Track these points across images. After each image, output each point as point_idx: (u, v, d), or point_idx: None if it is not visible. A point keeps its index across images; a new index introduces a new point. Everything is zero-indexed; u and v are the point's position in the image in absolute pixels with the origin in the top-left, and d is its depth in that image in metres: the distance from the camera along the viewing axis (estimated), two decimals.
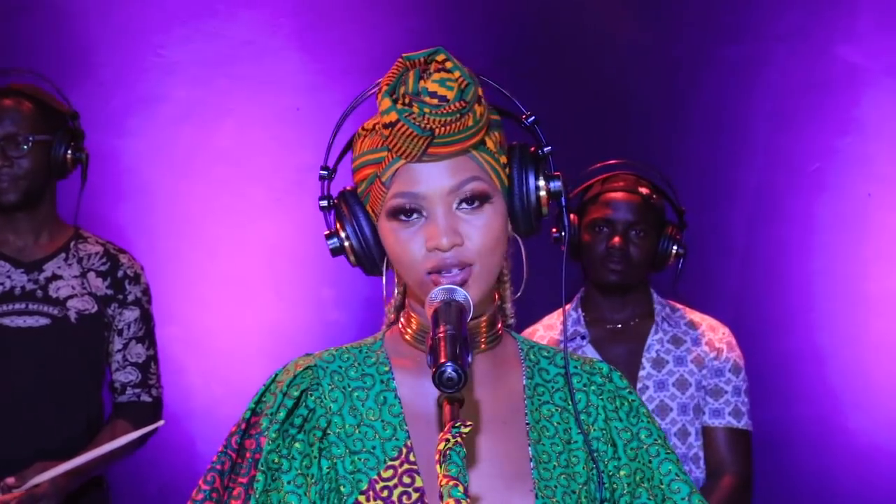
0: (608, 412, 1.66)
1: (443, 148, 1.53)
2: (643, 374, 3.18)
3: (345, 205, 1.63)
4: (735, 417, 3.17)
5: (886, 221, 4.05)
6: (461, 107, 1.51)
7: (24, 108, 3.04)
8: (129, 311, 3.14)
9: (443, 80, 1.52)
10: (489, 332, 1.64)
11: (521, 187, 1.60)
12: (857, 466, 4.02)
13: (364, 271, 1.65)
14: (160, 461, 3.94)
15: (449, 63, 1.53)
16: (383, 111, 1.52)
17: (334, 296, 4.15)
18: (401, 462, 1.59)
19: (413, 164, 1.54)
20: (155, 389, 3.17)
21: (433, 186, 1.54)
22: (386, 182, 1.56)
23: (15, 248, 3.10)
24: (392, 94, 1.52)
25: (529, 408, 1.64)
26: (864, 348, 4.05)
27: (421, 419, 1.62)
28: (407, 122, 1.50)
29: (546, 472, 1.60)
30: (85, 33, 4.07)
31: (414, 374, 1.64)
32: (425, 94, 1.51)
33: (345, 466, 1.59)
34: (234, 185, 4.12)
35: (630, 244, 3.17)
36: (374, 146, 1.57)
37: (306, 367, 1.65)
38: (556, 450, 1.62)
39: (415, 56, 1.53)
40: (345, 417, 1.62)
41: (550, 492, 1.58)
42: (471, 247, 1.55)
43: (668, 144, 4.10)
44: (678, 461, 1.65)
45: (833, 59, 4.07)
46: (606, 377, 1.68)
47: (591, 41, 4.18)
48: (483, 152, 1.57)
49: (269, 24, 4.15)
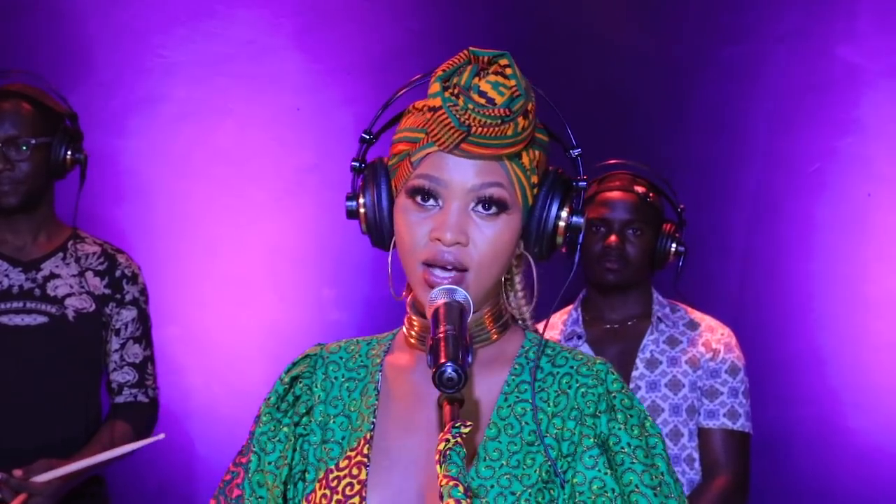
0: (584, 416, 1.59)
1: (476, 148, 1.53)
2: (636, 374, 3.17)
3: (374, 173, 1.63)
4: (730, 419, 3.16)
5: (886, 222, 4.05)
6: (504, 114, 1.51)
7: (24, 111, 3.04)
8: (126, 311, 3.14)
9: (496, 83, 1.53)
10: (496, 324, 1.64)
11: (542, 210, 1.60)
12: (857, 466, 4.02)
13: (371, 241, 1.66)
14: (159, 460, 3.94)
15: (509, 70, 1.54)
16: (431, 94, 1.53)
17: (334, 296, 4.15)
18: (356, 453, 1.62)
19: (444, 154, 1.55)
20: (151, 390, 3.17)
21: (457, 178, 1.55)
22: (415, 162, 1.57)
23: (13, 248, 3.11)
24: (444, 81, 1.53)
25: (500, 403, 1.62)
26: (864, 349, 4.05)
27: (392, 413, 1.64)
28: (448, 111, 1.51)
29: (488, 469, 1.57)
30: (85, 33, 4.07)
31: (403, 370, 1.66)
32: (475, 91, 1.53)
33: (316, 454, 1.64)
34: (234, 185, 4.12)
35: (627, 243, 3.17)
36: (415, 125, 1.59)
37: (306, 355, 1.71)
38: (511, 449, 1.59)
39: (480, 52, 1.55)
40: (327, 407, 1.66)
41: (483, 490, 1.55)
42: (473, 252, 1.55)
43: (668, 145, 4.10)
44: (644, 472, 1.56)
45: (833, 60, 4.06)
46: (601, 380, 1.62)
47: (591, 42, 4.18)
48: (516, 165, 1.57)
49: (269, 24, 4.15)
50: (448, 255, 1.54)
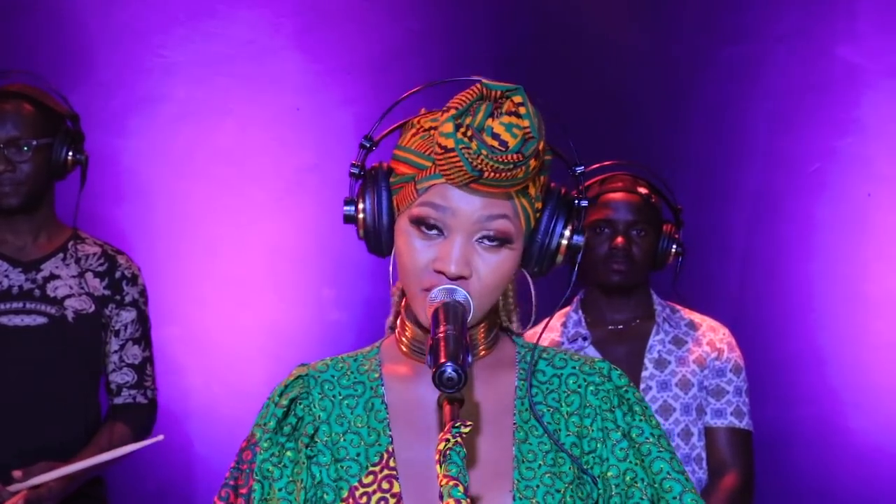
0: (603, 412, 1.64)
1: (486, 188, 1.52)
2: (646, 374, 3.17)
3: (374, 181, 1.61)
4: (737, 417, 3.17)
5: (886, 221, 4.05)
6: (517, 159, 1.49)
7: (25, 112, 3.04)
8: (126, 312, 3.14)
9: (510, 125, 1.50)
10: (487, 339, 1.65)
11: (545, 234, 1.60)
12: (857, 466, 4.02)
13: (368, 248, 1.64)
14: (159, 460, 3.94)
15: (523, 109, 1.50)
16: (444, 133, 1.50)
17: (334, 296, 4.15)
18: (381, 468, 1.60)
19: (450, 186, 1.53)
20: (150, 391, 3.17)
21: (463, 210, 1.54)
22: (420, 190, 1.55)
23: (13, 248, 3.10)
24: (457, 120, 1.50)
25: (519, 408, 1.64)
26: (864, 348, 4.05)
27: (406, 424, 1.63)
28: (461, 154, 1.49)
29: (529, 471, 1.60)
30: (85, 33, 4.07)
31: (404, 380, 1.65)
32: (488, 134, 1.49)
33: (329, 475, 1.61)
34: (234, 185, 4.12)
35: (632, 244, 3.17)
36: (422, 150, 1.56)
37: (297, 376, 1.67)
38: (543, 449, 1.62)
39: (494, 86, 1.51)
40: (332, 426, 1.63)
41: (531, 492, 1.58)
42: (476, 283, 1.55)
43: (668, 145, 4.10)
44: (672, 459, 1.63)
45: (833, 60, 4.06)
46: (606, 376, 1.67)
47: (590, 42, 4.18)
48: (523, 197, 1.57)
49: (269, 24, 4.14)
50: None
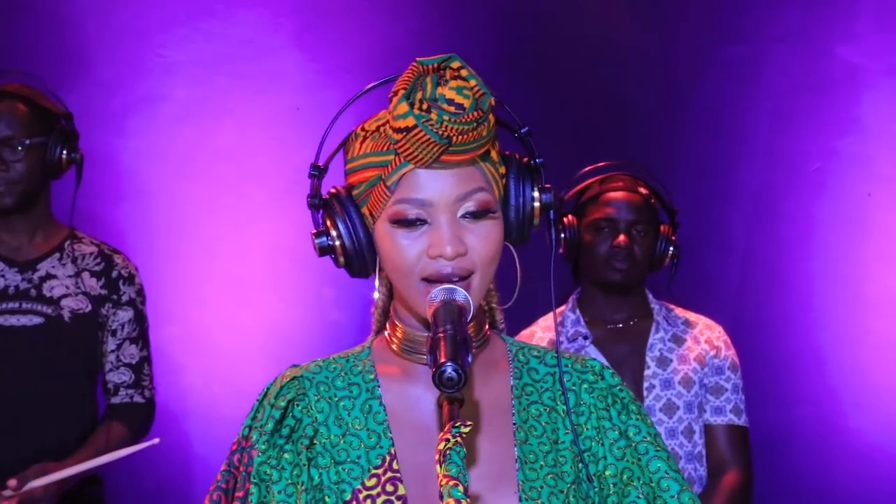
0: (598, 410, 1.65)
1: (455, 156, 1.52)
2: (648, 373, 3.18)
3: (338, 204, 1.61)
4: (735, 415, 3.19)
5: (886, 221, 4.05)
6: (478, 116, 1.50)
7: (19, 111, 3.04)
8: (123, 312, 3.13)
9: (459, 87, 1.50)
10: (477, 336, 1.64)
11: (517, 199, 1.60)
12: (857, 466, 4.02)
13: (349, 273, 1.64)
14: (157, 460, 3.93)
15: (464, 71, 1.51)
16: (399, 115, 1.50)
17: (334, 296, 4.15)
18: (384, 470, 1.60)
19: (420, 170, 1.53)
20: (148, 391, 3.17)
21: (440, 194, 1.54)
22: (391, 186, 1.55)
23: (9, 248, 3.10)
24: (408, 99, 1.50)
25: (517, 408, 1.64)
26: (864, 348, 4.05)
27: (406, 426, 1.63)
28: (425, 128, 1.49)
29: (532, 472, 1.60)
30: (85, 33, 4.07)
31: (400, 381, 1.65)
32: (443, 101, 1.50)
33: (329, 477, 1.60)
34: (234, 185, 4.12)
35: (634, 243, 3.18)
36: (378, 148, 1.56)
37: (292, 377, 1.66)
38: (543, 449, 1.62)
39: (429, 61, 1.52)
40: (330, 428, 1.62)
41: (535, 493, 1.58)
42: (474, 256, 1.55)
43: (668, 145, 4.10)
44: (668, 458, 1.64)
45: (833, 60, 4.07)
46: (598, 375, 1.67)
47: (590, 42, 4.18)
48: (488, 163, 1.57)
49: (269, 23, 4.14)
50: (451, 269, 1.54)
